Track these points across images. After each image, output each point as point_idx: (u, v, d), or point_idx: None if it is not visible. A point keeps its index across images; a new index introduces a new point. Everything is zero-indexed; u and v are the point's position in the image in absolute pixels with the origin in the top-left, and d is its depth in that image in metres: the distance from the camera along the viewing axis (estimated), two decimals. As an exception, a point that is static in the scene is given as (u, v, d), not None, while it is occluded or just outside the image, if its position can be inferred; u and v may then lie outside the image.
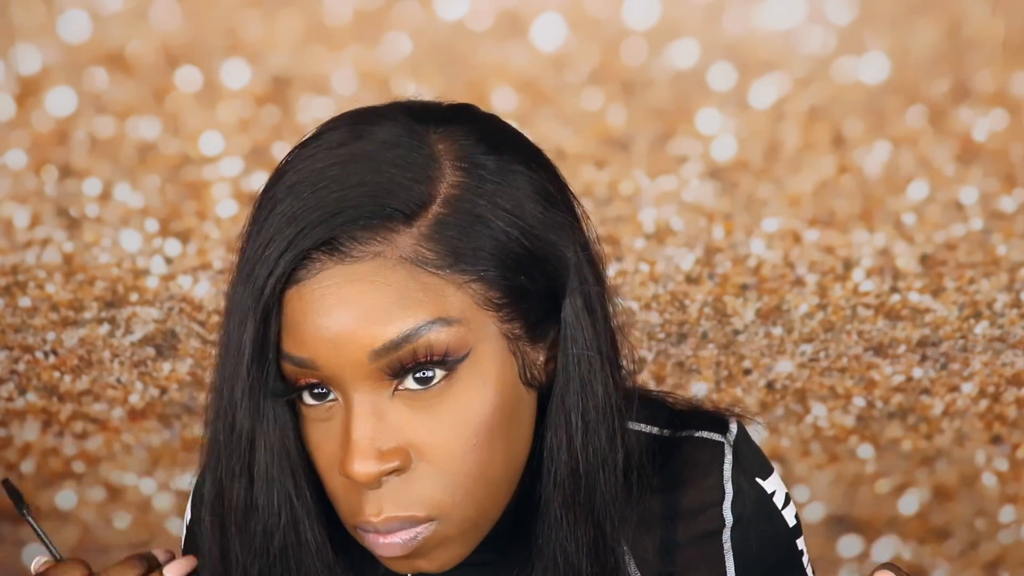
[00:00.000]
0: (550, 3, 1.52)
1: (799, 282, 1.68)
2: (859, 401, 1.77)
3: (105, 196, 1.64)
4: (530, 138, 0.91)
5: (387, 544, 0.81)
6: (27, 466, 1.81)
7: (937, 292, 1.69)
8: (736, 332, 1.71)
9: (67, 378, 1.74)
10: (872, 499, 1.84)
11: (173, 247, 1.66)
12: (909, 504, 1.84)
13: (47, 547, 0.94)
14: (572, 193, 0.89)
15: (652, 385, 1.75)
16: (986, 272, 1.67)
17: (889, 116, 1.59)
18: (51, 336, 1.70)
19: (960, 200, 1.64)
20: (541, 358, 0.84)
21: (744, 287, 1.68)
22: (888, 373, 1.74)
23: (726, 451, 0.95)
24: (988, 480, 1.82)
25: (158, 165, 1.62)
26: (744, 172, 1.62)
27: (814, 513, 1.84)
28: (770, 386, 1.76)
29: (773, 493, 0.97)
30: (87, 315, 1.69)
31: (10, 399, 1.76)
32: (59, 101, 1.59)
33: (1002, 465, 1.82)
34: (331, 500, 0.83)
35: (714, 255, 1.67)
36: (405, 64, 1.55)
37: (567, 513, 0.84)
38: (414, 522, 0.80)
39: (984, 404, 1.77)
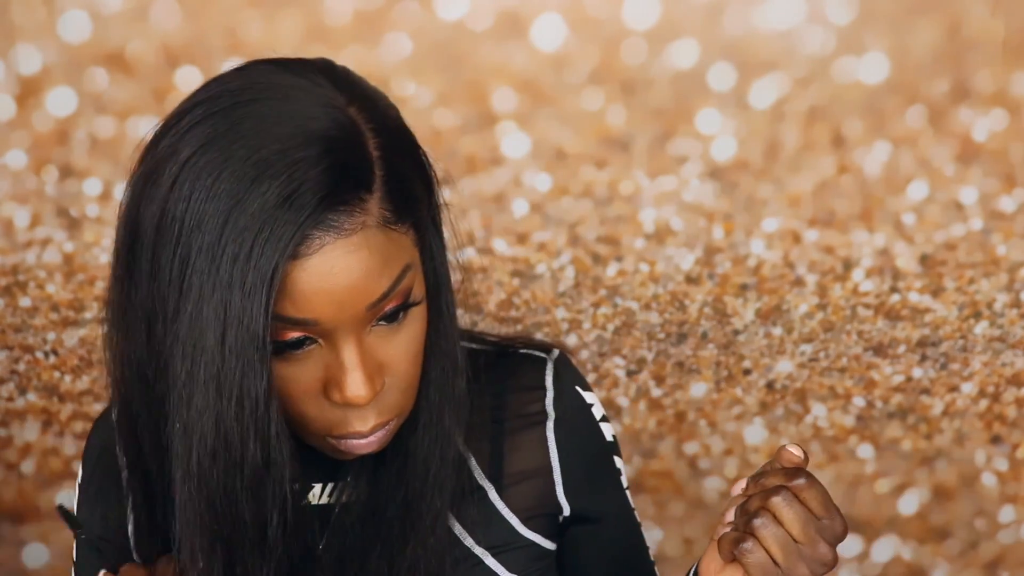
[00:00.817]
0: (550, 3, 1.53)
1: (799, 282, 1.68)
2: (859, 401, 1.77)
3: (105, 196, 1.64)
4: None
5: (367, 443, 0.98)
6: (27, 466, 1.81)
7: (937, 292, 1.69)
8: (736, 332, 1.71)
9: (67, 378, 1.74)
10: (872, 499, 1.84)
11: (173, 247, 1.66)
12: (909, 504, 1.84)
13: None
14: None
15: (652, 386, 1.76)
16: (986, 272, 1.68)
17: (889, 116, 1.59)
18: (51, 336, 1.71)
19: (960, 200, 1.64)
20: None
21: (744, 287, 1.68)
22: (888, 373, 1.74)
23: (548, 364, 1.12)
24: (988, 480, 1.82)
25: (158, 165, 1.62)
26: (744, 172, 1.62)
27: (814, 513, 1.84)
28: (770, 386, 1.76)
29: (592, 404, 1.13)
30: (87, 315, 1.69)
31: (10, 399, 1.76)
32: (59, 101, 1.59)
33: (1002, 465, 1.82)
34: (297, 421, 0.97)
35: (714, 255, 1.67)
36: (405, 64, 1.55)
37: (439, 392, 1.03)
38: (386, 423, 0.98)
39: (984, 404, 1.77)
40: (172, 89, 1.57)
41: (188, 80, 1.57)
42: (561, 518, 1.13)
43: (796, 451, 0.94)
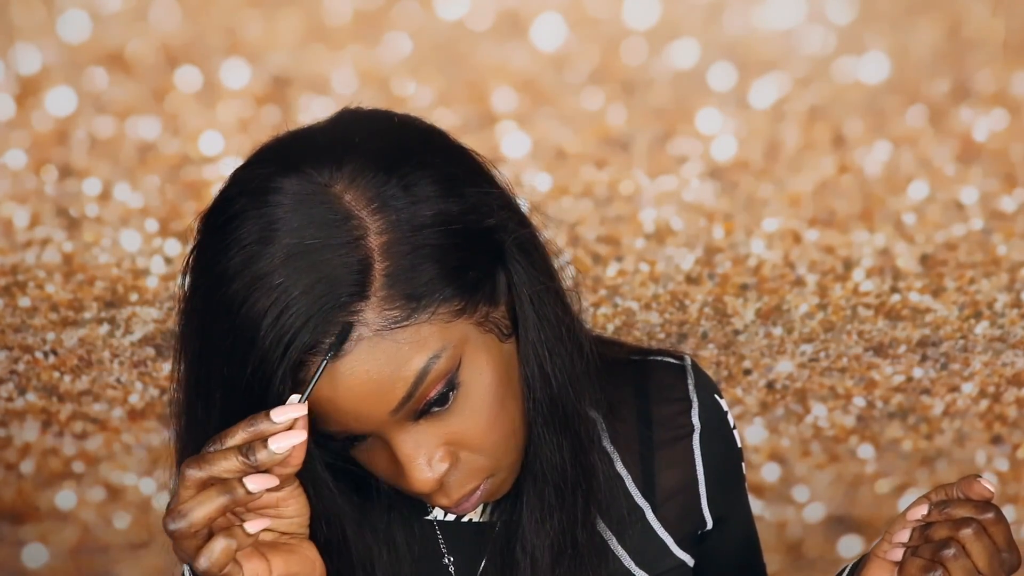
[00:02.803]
0: (550, 3, 1.52)
1: (799, 282, 1.68)
2: (859, 401, 1.77)
3: (105, 196, 1.64)
4: (421, 118, 0.96)
5: (462, 509, 0.96)
6: (27, 466, 1.81)
7: (937, 292, 1.69)
8: (736, 332, 1.71)
9: (67, 378, 1.74)
10: (872, 499, 1.83)
11: (173, 247, 1.66)
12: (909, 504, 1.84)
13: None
14: (467, 150, 0.96)
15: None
16: (986, 272, 1.67)
17: (889, 116, 1.59)
18: (51, 336, 1.70)
19: (960, 200, 1.64)
20: (504, 308, 0.94)
21: (744, 287, 1.68)
22: (888, 373, 1.74)
23: (688, 370, 1.09)
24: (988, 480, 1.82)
25: (158, 165, 1.62)
26: (744, 172, 1.62)
27: (814, 513, 1.84)
28: (770, 386, 1.76)
29: (727, 412, 1.11)
30: (87, 315, 1.69)
31: (10, 399, 1.76)
32: (59, 101, 1.58)
33: (1002, 465, 1.82)
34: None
35: (714, 255, 1.67)
36: (405, 64, 1.55)
37: (547, 429, 0.97)
38: (476, 488, 0.95)
39: (984, 404, 1.77)
40: (171, 89, 1.57)
41: (188, 80, 1.57)
42: (701, 532, 1.11)
43: (989, 486, 0.95)
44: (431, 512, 1.05)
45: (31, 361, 1.73)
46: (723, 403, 1.10)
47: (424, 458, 0.91)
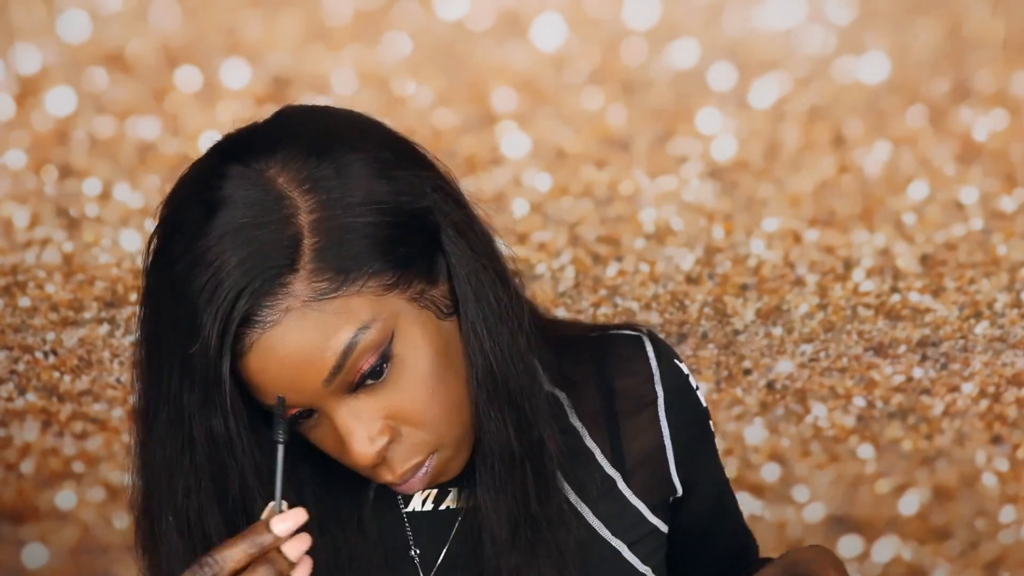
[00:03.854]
0: (550, 3, 1.52)
1: (799, 282, 1.68)
2: (859, 401, 1.77)
3: (105, 196, 1.64)
4: (362, 112, 1.01)
5: (409, 486, 0.98)
6: (27, 466, 1.81)
7: (937, 292, 1.69)
8: (736, 332, 1.71)
9: (67, 378, 1.74)
10: (872, 499, 1.84)
11: (173, 247, 1.66)
12: (909, 504, 1.84)
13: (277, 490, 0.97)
14: (404, 138, 1.00)
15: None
16: (986, 272, 1.67)
17: (889, 116, 1.59)
18: (51, 336, 1.70)
19: (960, 200, 1.64)
20: (444, 287, 0.98)
21: (744, 287, 1.68)
22: (888, 373, 1.74)
23: (645, 340, 1.12)
24: (988, 480, 1.82)
25: (158, 165, 1.62)
26: (744, 172, 1.62)
27: (814, 513, 1.84)
28: (770, 386, 1.76)
29: (688, 375, 1.13)
30: (87, 315, 1.69)
31: (10, 399, 1.76)
32: (59, 101, 1.59)
33: (1002, 465, 1.82)
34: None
35: (714, 255, 1.67)
36: (405, 64, 1.55)
37: (491, 405, 0.99)
38: (420, 464, 0.98)
39: (984, 404, 1.77)
40: (171, 89, 1.57)
41: (188, 80, 1.57)
42: (672, 498, 1.13)
43: None
44: (408, 505, 1.07)
45: (31, 361, 1.73)
46: (683, 367, 1.13)
47: (363, 430, 0.94)
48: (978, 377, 1.75)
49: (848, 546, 1.85)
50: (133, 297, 1.69)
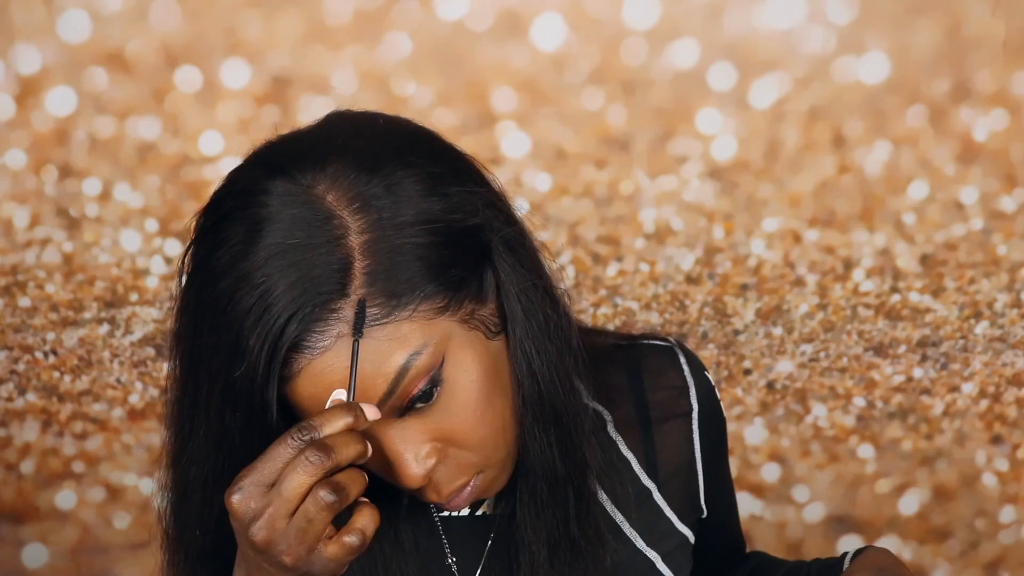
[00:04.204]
0: (550, 3, 1.52)
1: (799, 282, 1.68)
2: (859, 401, 1.77)
3: (105, 196, 1.64)
4: (412, 119, 0.97)
5: (455, 504, 0.97)
6: (27, 466, 1.81)
7: (937, 292, 1.69)
8: (736, 332, 1.71)
9: (67, 378, 1.74)
10: (872, 499, 1.83)
11: (173, 247, 1.66)
12: (909, 504, 1.84)
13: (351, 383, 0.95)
14: (456, 150, 0.97)
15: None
16: (986, 272, 1.67)
17: (889, 116, 1.59)
18: (51, 336, 1.70)
19: (960, 200, 1.64)
20: (493, 305, 0.95)
21: (744, 287, 1.68)
22: (888, 373, 1.74)
23: (677, 351, 1.12)
24: (988, 480, 1.82)
25: (158, 165, 1.62)
26: (744, 172, 1.62)
27: (814, 513, 1.84)
28: (770, 386, 1.75)
29: (714, 385, 1.13)
30: (87, 315, 1.69)
31: (10, 399, 1.76)
32: (59, 101, 1.58)
33: (1002, 465, 1.82)
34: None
35: (714, 255, 1.67)
36: (405, 64, 1.55)
37: (536, 426, 0.98)
38: (466, 484, 0.96)
39: (984, 404, 1.77)
40: (172, 89, 1.57)
41: (188, 80, 1.57)
42: (699, 515, 1.13)
43: None
44: (441, 510, 1.06)
45: (31, 361, 1.73)
46: (711, 378, 1.13)
47: (412, 453, 0.92)
48: (978, 377, 1.75)
49: (848, 546, 1.85)
50: (134, 297, 1.69)
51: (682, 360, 1.11)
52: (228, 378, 0.89)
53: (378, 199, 0.89)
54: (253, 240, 0.88)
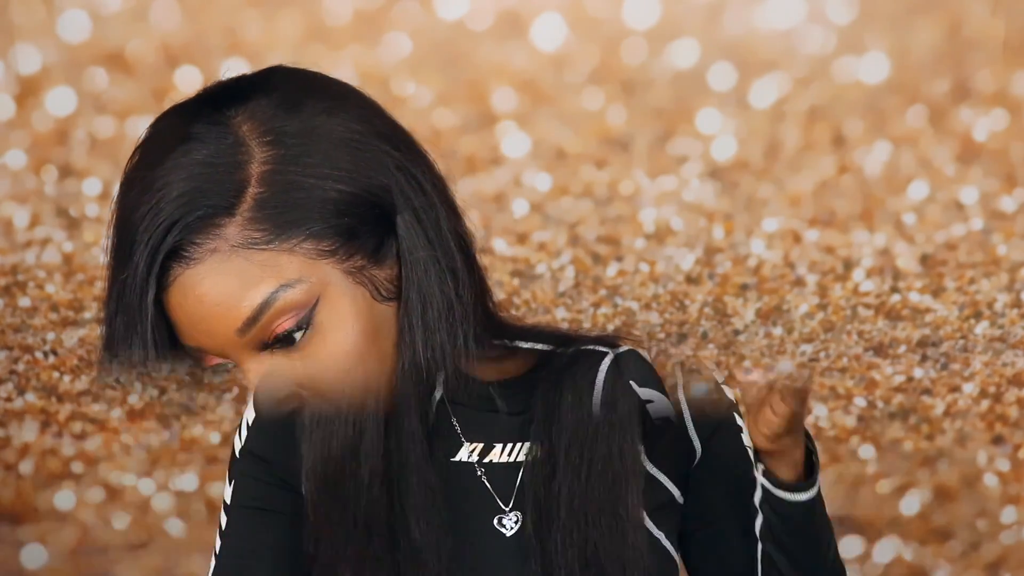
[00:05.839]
0: (550, 3, 1.53)
1: (799, 282, 1.68)
2: (860, 401, 1.77)
3: (105, 196, 1.64)
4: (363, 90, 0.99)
5: None
6: (26, 466, 1.81)
7: (937, 292, 1.69)
8: (736, 332, 1.71)
9: (66, 378, 1.74)
10: (873, 499, 1.83)
11: (173, 247, 1.66)
12: (910, 505, 1.84)
13: None
14: (395, 122, 0.99)
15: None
16: (986, 272, 1.67)
17: (889, 116, 1.59)
18: (51, 336, 1.71)
19: (960, 200, 1.64)
20: (392, 271, 0.97)
21: (744, 287, 1.68)
22: (889, 373, 1.74)
23: (605, 359, 1.11)
24: (989, 481, 1.82)
25: (158, 165, 1.62)
26: (744, 172, 1.62)
27: (815, 514, 1.84)
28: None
29: (649, 401, 1.13)
30: (87, 315, 1.69)
31: (9, 399, 1.76)
32: (59, 101, 1.59)
33: (1003, 465, 1.82)
34: None
35: (714, 255, 1.67)
36: (405, 64, 1.55)
37: (412, 397, 1.00)
38: None
39: (985, 404, 1.77)
40: (172, 89, 1.57)
41: (188, 80, 1.57)
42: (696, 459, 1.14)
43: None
44: (457, 454, 1.07)
45: (31, 361, 1.73)
46: (640, 391, 1.12)
47: (269, 391, 0.95)
48: (979, 377, 1.75)
49: (849, 546, 1.85)
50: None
51: (603, 366, 1.11)
52: (117, 280, 0.92)
53: (290, 137, 0.93)
54: (164, 154, 0.92)
